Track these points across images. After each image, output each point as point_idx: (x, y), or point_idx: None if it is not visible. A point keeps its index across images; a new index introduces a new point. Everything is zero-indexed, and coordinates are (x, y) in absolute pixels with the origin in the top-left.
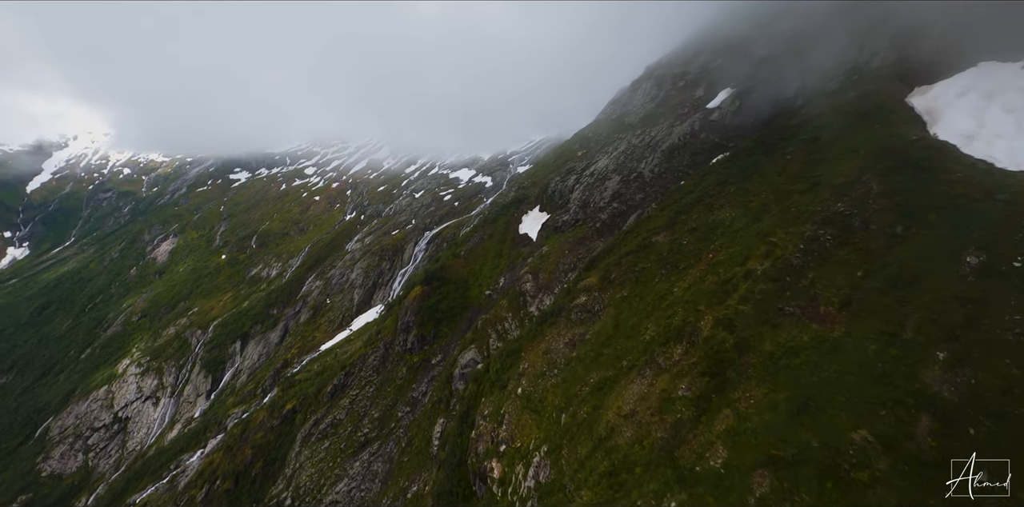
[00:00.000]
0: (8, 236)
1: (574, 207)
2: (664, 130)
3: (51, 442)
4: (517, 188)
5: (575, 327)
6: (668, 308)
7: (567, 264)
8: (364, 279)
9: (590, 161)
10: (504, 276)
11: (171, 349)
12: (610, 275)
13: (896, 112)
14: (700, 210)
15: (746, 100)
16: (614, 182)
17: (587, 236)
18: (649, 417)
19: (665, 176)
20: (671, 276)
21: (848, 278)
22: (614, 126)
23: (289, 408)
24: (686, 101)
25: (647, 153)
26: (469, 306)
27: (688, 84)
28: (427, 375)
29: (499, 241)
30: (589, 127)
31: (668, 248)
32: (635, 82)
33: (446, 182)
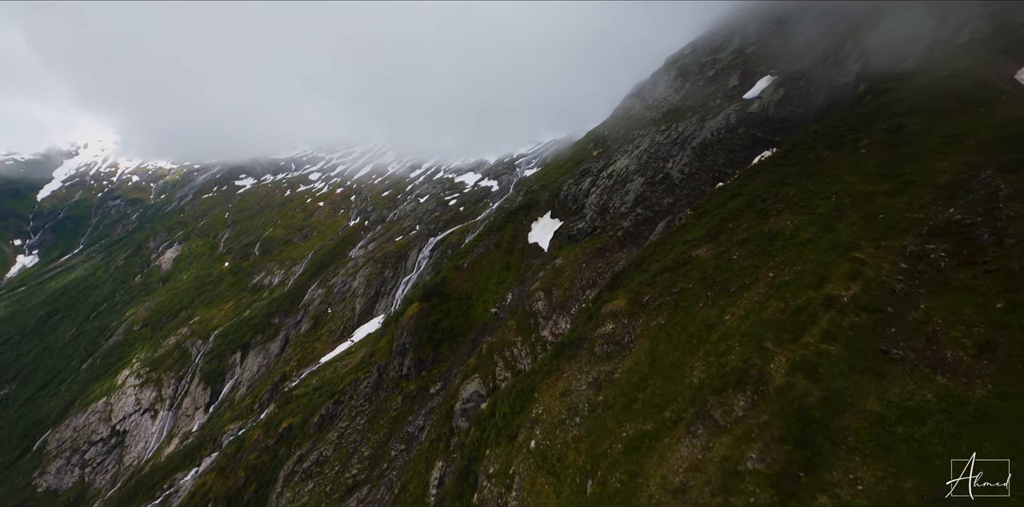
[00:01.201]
0: (18, 244)
1: (591, 213)
2: (694, 125)
3: (48, 456)
4: (525, 192)
5: (600, 363)
6: (720, 342)
7: (585, 280)
8: (366, 288)
9: (607, 161)
10: (512, 291)
11: (171, 360)
12: (641, 297)
13: (1008, 91)
14: (751, 217)
15: (792, 88)
16: (637, 184)
17: (607, 247)
18: (708, 498)
19: (698, 177)
20: (719, 300)
21: (983, 311)
22: (633, 122)
23: (285, 426)
24: (717, 92)
25: (674, 151)
26: (473, 326)
27: (719, 73)
28: (425, 406)
29: (506, 251)
30: (604, 124)
31: (713, 265)
32: (656, 74)
33: (451, 186)
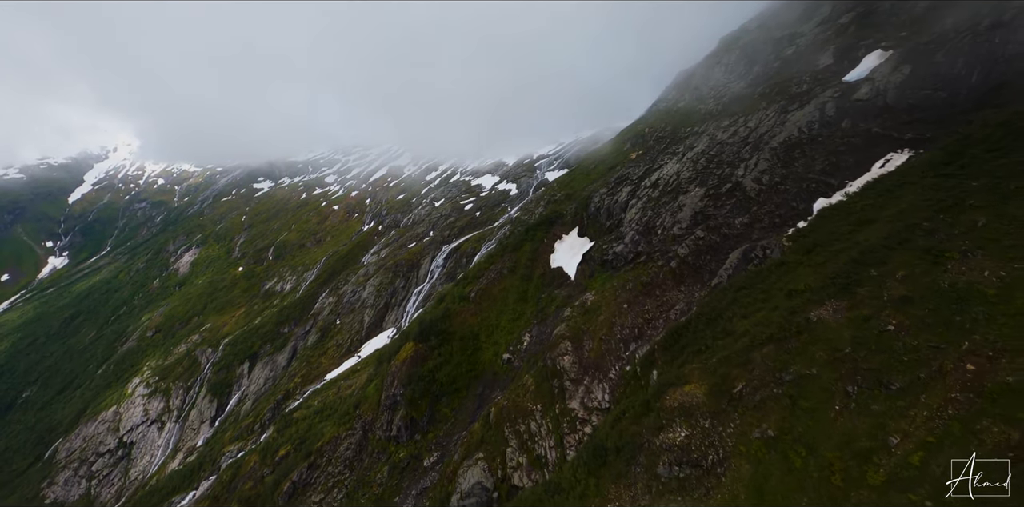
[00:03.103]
0: (50, 246)
1: (631, 233)
2: (771, 118)
3: (57, 466)
4: (547, 202)
5: (669, 495)
6: (889, 490)
7: (628, 328)
8: (376, 298)
9: (651, 165)
10: (530, 332)
11: (180, 369)
12: (730, 384)
13: None
14: (910, 260)
15: (923, 64)
16: (694, 197)
17: (657, 281)
18: None
19: (783, 189)
20: (871, 403)
21: None
22: (682, 117)
23: (282, 454)
24: (802, 74)
25: (745, 153)
26: (480, 376)
27: (802, 50)
28: (416, 485)
29: (523, 278)
30: (642, 121)
31: (851, 338)
32: (709, 57)
33: (467, 190)
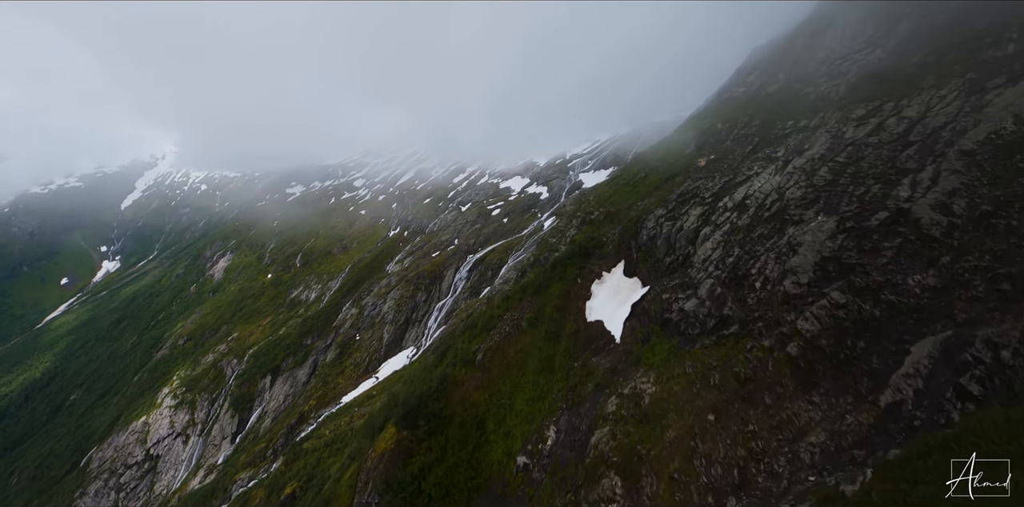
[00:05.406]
0: (104, 250)
1: (709, 281)
2: (952, 102)
3: (90, 475)
4: (580, 222)
5: None
6: None
7: (721, 466)
8: (396, 313)
9: (732, 176)
10: (556, 423)
11: (207, 380)
12: None
13: None
14: None
15: None
16: (817, 231)
17: (766, 378)
18: None
19: (998, 226)
20: None
21: None
22: (775, 105)
23: (288, 492)
24: (1008, 25)
25: (909, 159)
26: (483, 486)
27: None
28: None
29: (548, 336)
30: (706, 113)
31: None
32: (809, 21)
33: (495, 193)
